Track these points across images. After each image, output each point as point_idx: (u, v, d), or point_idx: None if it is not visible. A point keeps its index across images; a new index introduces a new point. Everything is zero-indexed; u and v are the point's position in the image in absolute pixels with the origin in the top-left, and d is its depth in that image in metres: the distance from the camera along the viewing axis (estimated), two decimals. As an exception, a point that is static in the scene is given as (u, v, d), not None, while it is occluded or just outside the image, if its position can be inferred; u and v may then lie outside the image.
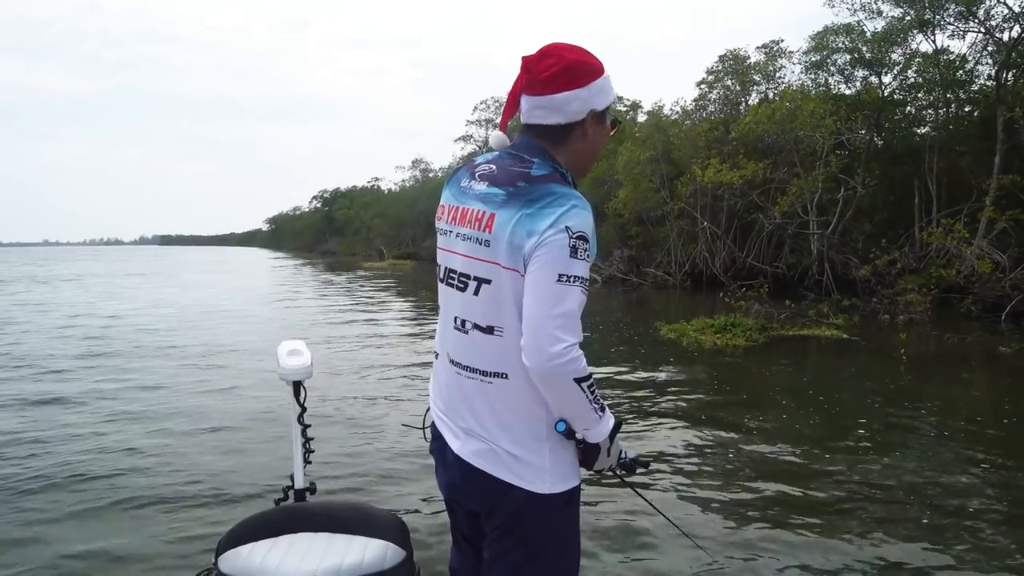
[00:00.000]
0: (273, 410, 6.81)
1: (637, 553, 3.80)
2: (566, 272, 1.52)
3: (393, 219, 61.24)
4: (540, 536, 1.72)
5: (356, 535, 2.04)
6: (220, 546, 2.02)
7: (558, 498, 1.68)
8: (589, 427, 1.65)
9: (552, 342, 1.52)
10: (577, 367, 1.54)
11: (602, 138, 1.78)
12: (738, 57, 24.54)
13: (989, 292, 14.56)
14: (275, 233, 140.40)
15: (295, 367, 2.44)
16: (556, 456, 1.68)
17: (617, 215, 26.22)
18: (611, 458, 1.74)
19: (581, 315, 1.61)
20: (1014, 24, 16.95)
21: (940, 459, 5.53)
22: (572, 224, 1.53)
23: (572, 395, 1.57)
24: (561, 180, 1.64)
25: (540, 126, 1.70)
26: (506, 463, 1.68)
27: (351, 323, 14.48)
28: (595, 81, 1.69)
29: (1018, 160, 16.61)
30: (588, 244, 1.55)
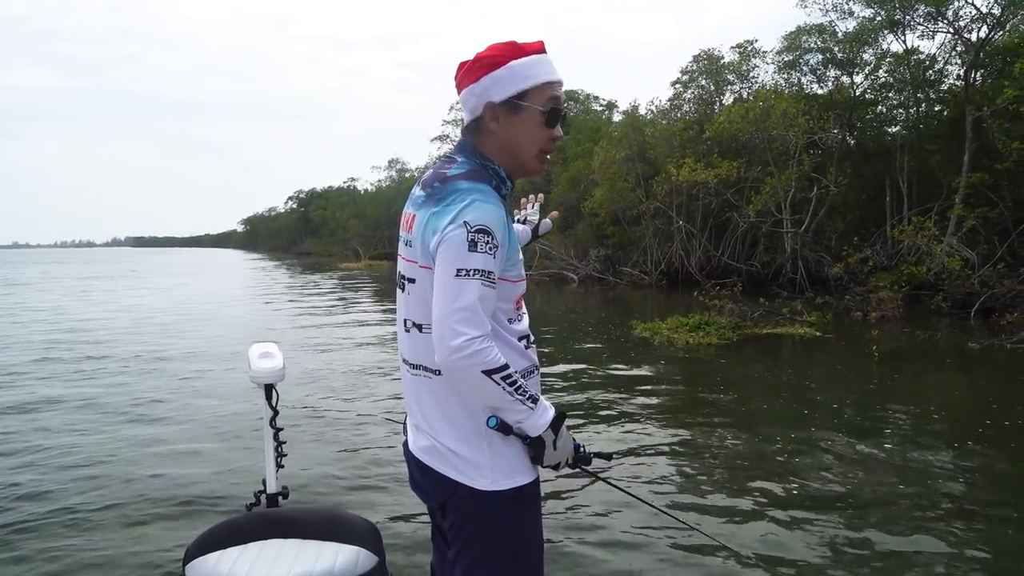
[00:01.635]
0: (243, 413, 6.73)
1: (609, 543, 3.83)
2: (464, 266, 1.54)
3: (369, 219, 60.96)
4: (489, 535, 1.70)
5: (327, 541, 2.00)
6: (188, 554, 1.97)
7: (503, 496, 1.67)
8: (521, 420, 1.63)
9: (452, 336, 1.53)
10: (482, 360, 1.54)
11: (518, 129, 1.70)
12: (712, 57, 24.69)
13: (959, 289, 14.74)
14: (250, 234, 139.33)
15: (267, 370, 2.42)
16: (497, 452, 1.67)
17: (593, 214, 26.29)
18: (561, 452, 1.71)
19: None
20: (982, 25, 17.22)
21: (912, 453, 5.58)
22: (471, 218, 1.55)
23: (485, 388, 1.57)
24: (476, 177, 1.64)
25: (467, 124, 1.75)
26: (448, 459, 1.70)
27: (325, 324, 14.38)
28: (491, 73, 1.67)
29: (986, 159, 16.85)
30: (490, 237, 1.55)
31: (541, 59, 1.70)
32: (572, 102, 39.48)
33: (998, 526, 4.17)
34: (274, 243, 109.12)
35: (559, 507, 4.39)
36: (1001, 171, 16.02)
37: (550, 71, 1.71)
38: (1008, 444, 5.85)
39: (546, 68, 1.70)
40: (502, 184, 1.72)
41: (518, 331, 1.73)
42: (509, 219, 1.68)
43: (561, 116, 1.74)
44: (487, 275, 1.55)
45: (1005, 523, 4.21)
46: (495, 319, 1.65)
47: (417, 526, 3.94)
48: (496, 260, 1.57)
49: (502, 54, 1.68)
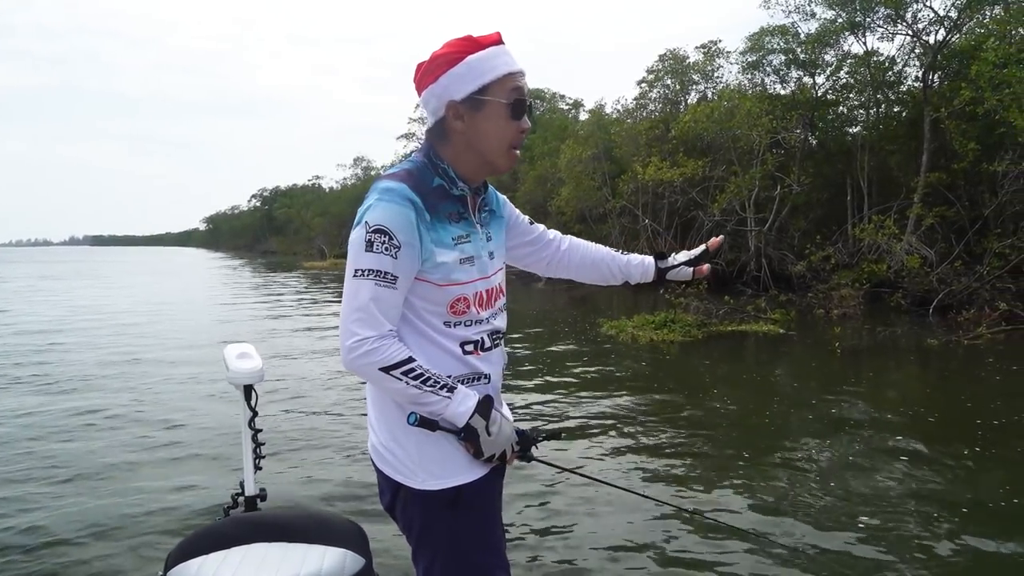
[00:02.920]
0: (215, 415, 6.64)
1: (573, 527, 3.80)
2: (359, 266, 1.54)
3: (335, 218, 60.37)
4: (433, 538, 1.67)
5: (313, 544, 1.94)
6: (169, 560, 1.90)
7: (439, 497, 1.64)
8: (440, 412, 1.59)
9: (347, 337, 1.54)
10: (377, 358, 1.53)
11: (482, 126, 1.65)
12: (677, 57, 24.89)
13: (917, 287, 15.03)
14: (213, 233, 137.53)
15: (246, 370, 2.37)
16: (424, 451, 1.64)
17: (560, 213, 26.33)
18: (500, 438, 1.65)
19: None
20: (939, 27, 17.55)
21: (872, 446, 5.66)
22: (370, 219, 1.54)
23: (389, 385, 1.56)
24: (404, 176, 1.61)
25: (430, 127, 1.71)
26: (387, 458, 1.69)
27: (293, 325, 14.22)
28: (449, 71, 1.62)
29: (944, 159, 17.20)
30: (387, 237, 1.53)
31: (499, 50, 1.64)
32: (538, 100, 39.58)
33: (949, 510, 4.24)
34: (237, 242, 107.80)
35: (524, 500, 4.37)
36: (958, 171, 16.38)
37: (509, 62, 1.65)
38: (963, 436, 5.95)
39: (505, 59, 1.65)
40: (452, 184, 1.67)
41: (458, 336, 1.67)
42: (442, 220, 1.63)
43: (527, 107, 1.68)
44: (382, 275, 1.53)
45: (955, 507, 4.29)
46: (425, 321, 1.64)
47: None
48: (400, 261, 1.54)
49: (458, 50, 1.62)
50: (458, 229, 1.66)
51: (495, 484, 1.75)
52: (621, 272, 2.11)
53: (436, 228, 1.61)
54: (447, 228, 1.64)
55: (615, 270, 2.10)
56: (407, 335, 1.63)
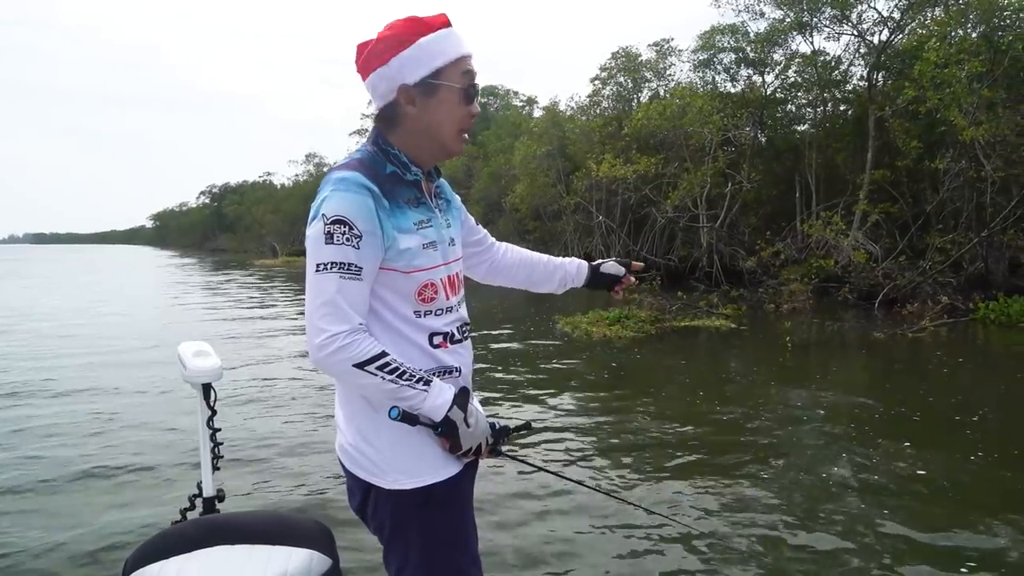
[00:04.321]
0: (170, 415, 6.50)
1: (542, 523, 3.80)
2: (321, 260, 1.49)
3: (286, 215, 59.48)
4: (405, 538, 1.64)
5: (277, 545, 1.87)
6: (126, 566, 1.82)
7: (410, 496, 1.61)
8: (418, 406, 1.55)
9: (316, 334, 1.49)
10: (350, 354, 1.49)
11: (436, 109, 1.62)
12: (630, 55, 25.08)
13: (863, 281, 15.41)
14: (160, 230, 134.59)
15: (204, 369, 2.31)
16: (397, 450, 1.61)
17: (514, 209, 26.36)
18: (477, 430, 1.63)
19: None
20: (883, 28, 18.02)
21: (822, 437, 5.78)
22: (328, 210, 1.50)
23: (364, 381, 1.51)
24: (356, 166, 1.57)
25: (376, 112, 1.66)
26: (356, 458, 1.65)
27: (249, 324, 13.97)
28: (400, 53, 1.58)
29: (888, 156, 17.66)
30: (347, 227, 1.49)
31: (449, 33, 1.61)
32: (492, 97, 39.57)
33: (897, 496, 4.36)
34: (186, 240, 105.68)
35: (493, 498, 4.35)
36: (901, 168, 16.85)
37: (460, 44, 1.62)
38: (906, 425, 6.12)
39: (456, 42, 1.62)
40: (405, 169, 1.63)
41: (430, 327, 1.64)
42: (400, 206, 1.59)
43: (477, 90, 1.67)
44: (346, 267, 1.49)
45: (901, 494, 4.41)
46: (394, 313, 1.60)
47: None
48: (362, 251, 1.50)
49: (407, 32, 1.58)
50: (418, 214, 1.63)
51: (467, 482, 1.73)
52: (556, 272, 2.17)
53: (396, 214, 1.57)
54: (407, 213, 1.60)
55: (551, 270, 2.17)
56: (373, 330, 1.58)
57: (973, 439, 5.71)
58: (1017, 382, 8.14)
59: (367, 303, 1.55)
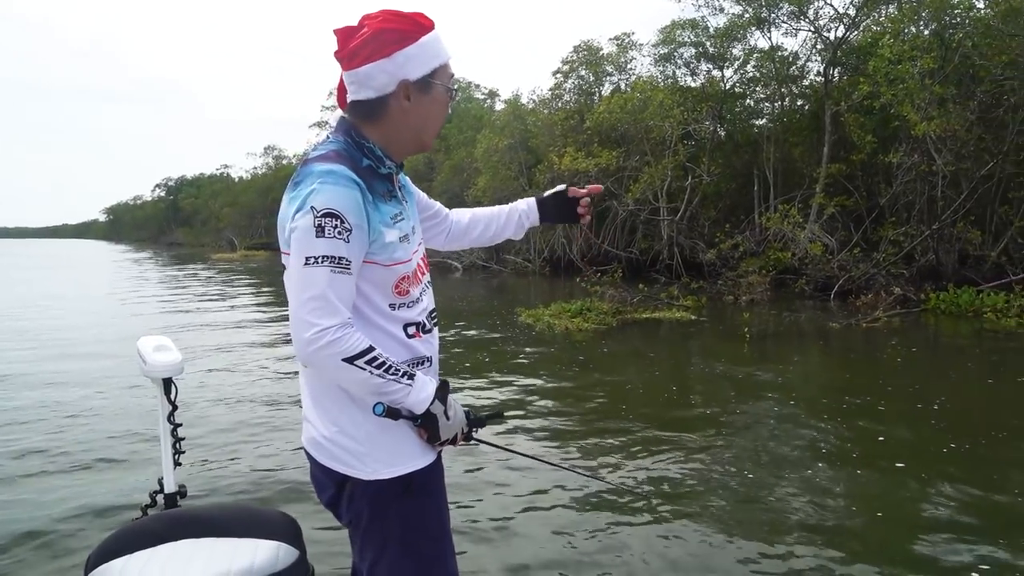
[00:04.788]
0: (130, 411, 6.39)
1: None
2: (311, 254, 1.48)
3: (244, 208, 58.69)
4: (383, 528, 1.64)
5: (243, 537, 1.87)
6: (89, 563, 1.80)
7: (389, 486, 1.61)
8: (402, 400, 1.57)
9: (305, 329, 1.48)
10: (339, 348, 1.49)
11: (428, 108, 1.67)
12: (592, 48, 25.16)
13: (819, 273, 15.71)
14: (113, 224, 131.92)
15: (165, 363, 2.29)
16: (375, 441, 1.61)
17: (477, 202, 26.30)
18: (455, 422, 1.66)
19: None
20: (839, 24, 18.33)
21: (779, 424, 5.90)
22: (318, 203, 1.48)
23: (352, 376, 1.52)
24: (335, 158, 1.56)
25: (355, 102, 1.65)
26: (329, 450, 1.64)
27: (208, 318, 13.75)
28: (404, 49, 1.59)
29: (843, 151, 18.00)
30: (338, 221, 1.48)
31: (439, 35, 1.67)
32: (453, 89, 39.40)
33: (848, 481, 4.47)
34: (140, 233, 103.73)
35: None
36: (856, 162, 17.19)
37: (446, 47, 1.69)
38: (860, 413, 6.27)
39: (444, 44, 1.68)
40: (379, 163, 1.64)
41: (404, 318, 1.65)
42: (378, 199, 1.60)
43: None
44: (337, 261, 1.48)
45: (853, 474, 4.52)
46: (371, 306, 1.60)
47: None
48: (352, 244, 1.50)
49: (409, 28, 1.60)
50: (392, 207, 1.65)
51: (440, 469, 1.74)
52: (511, 216, 2.19)
53: (379, 207, 1.59)
54: (384, 207, 1.62)
55: (504, 215, 2.20)
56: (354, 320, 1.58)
57: (943, 428, 5.88)
58: (968, 371, 8.38)
59: (354, 297, 1.56)
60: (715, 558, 3.54)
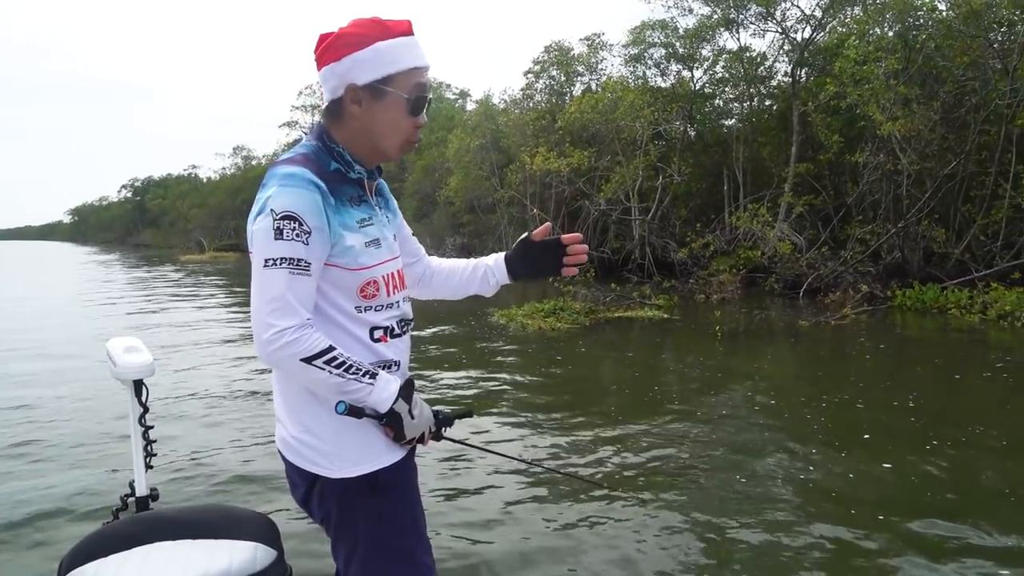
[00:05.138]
0: (100, 413, 6.29)
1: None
2: (270, 255, 1.49)
3: (213, 209, 57.94)
4: (354, 527, 1.65)
5: (220, 539, 1.85)
6: (62, 567, 1.76)
7: (356, 484, 1.63)
8: (364, 399, 1.58)
9: (264, 330, 1.49)
10: (298, 349, 1.50)
11: (382, 115, 1.62)
12: (563, 48, 25.21)
13: (789, 271, 15.90)
14: (79, 225, 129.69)
15: (136, 364, 2.26)
16: (341, 439, 1.62)
17: (449, 203, 26.27)
18: (421, 420, 1.66)
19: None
20: (806, 26, 18.58)
21: (748, 420, 5.98)
22: (276, 205, 1.49)
23: (312, 376, 1.53)
24: (302, 161, 1.57)
25: (326, 104, 1.66)
26: (298, 450, 1.65)
27: (178, 319, 13.57)
28: (354, 53, 1.57)
29: (811, 150, 18.23)
30: (296, 223, 1.49)
31: (408, 42, 1.61)
32: (425, 90, 39.28)
33: (813, 474, 4.53)
34: (106, 235, 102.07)
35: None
36: (823, 162, 17.43)
37: (417, 56, 1.62)
38: (826, 408, 6.37)
39: (413, 52, 1.61)
40: (348, 167, 1.64)
41: (371, 322, 1.66)
42: (344, 203, 1.60)
43: (427, 104, 1.66)
44: (295, 263, 1.49)
45: (820, 473, 4.59)
46: (335, 307, 1.61)
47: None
48: (311, 247, 1.51)
49: (367, 33, 1.58)
50: (360, 212, 1.64)
51: (411, 466, 1.75)
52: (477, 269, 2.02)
53: (340, 211, 1.58)
54: (350, 211, 1.61)
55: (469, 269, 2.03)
56: (317, 321, 1.59)
57: (914, 420, 5.98)
58: (935, 367, 8.52)
59: (314, 299, 1.56)
60: (692, 547, 3.58)
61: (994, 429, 5.64)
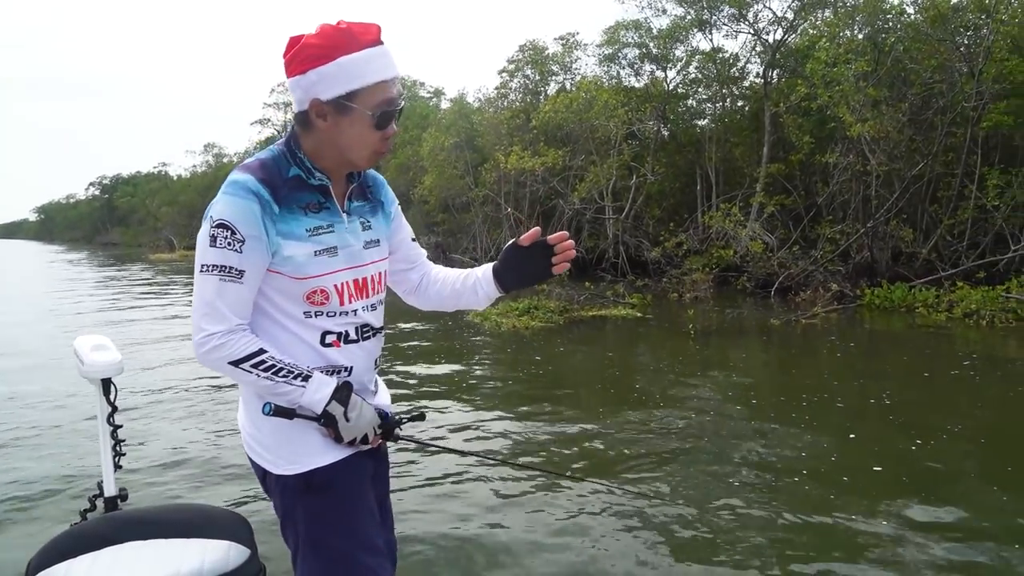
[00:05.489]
0: (67, 412, 6.20)
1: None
2: (204, 262, 1.53)
3: (183, 207, 57.08)
4: (294, 523, 1.68)
5: (192, 538, 1.83)
6: (30, 568, 1.73)
7: (294, 482, 1.65)
8: (297, 400, 1.60)
9: (196, 332, 1.55)
10: (224, 352, 1.55)
11: (348, 130, 1.59)
12: (537, 48, 25.24)
13: (760, 270, 16.06)
14: (45, 224, 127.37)
15: (104, 363, 2.25)
16: (276, 437, 1.66)
17: (423, 201, 26.18)
18: (360, 422, 1.66)
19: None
20: (777, 27, 18.78)
21: (722, 416, 6.02)
22: (214, 213, 1.53)
23: (241, 378, 1.58)
24: (255, 167, 1.57)
25: (296, 113, 1.66)
26: (250, 444, 1.70)
27: (148, 317, 13.37)
28: (317, 68, 1.54)
29: (782, 151, 18.45)
30: (229, 231, 1.51)
31: (375, 54, 1.56)
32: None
33: (787, 469, 4.59)
34: (74, 233, 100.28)
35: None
36: (794, 162, 17.65)
37: (383, 68, 1.57)
38: (797, 404, 6.45)
39: (379, 64, 1.57)
40: (309, 174, 1.62)
41: (321, 327, 1.65)
42: (294, 212, 1.58)
43: (396, 114, 1.62)
44: (227, 271, 1.52)
45: (790, 471, 4.64)
46: (282, 312, 1.62)
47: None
48: (246, 255, 1.52)
49: (331, 45, 1.53)
50: (316, 220, 1.62)
51: (360, 466, 1.73)
52: (468, 279, 1.96)
53: (287, 220, 1.57)
54: (300, 220, 1.60)
55: (461, 278, 1.97)
56: (265, 324, 1.63)
57: (885, 417, 6.08)
58: (905, 364, 8.65)
59: (249, 304, 1.58)
60: (663, 537, 3.60)
61: (967, 424, 5.77)
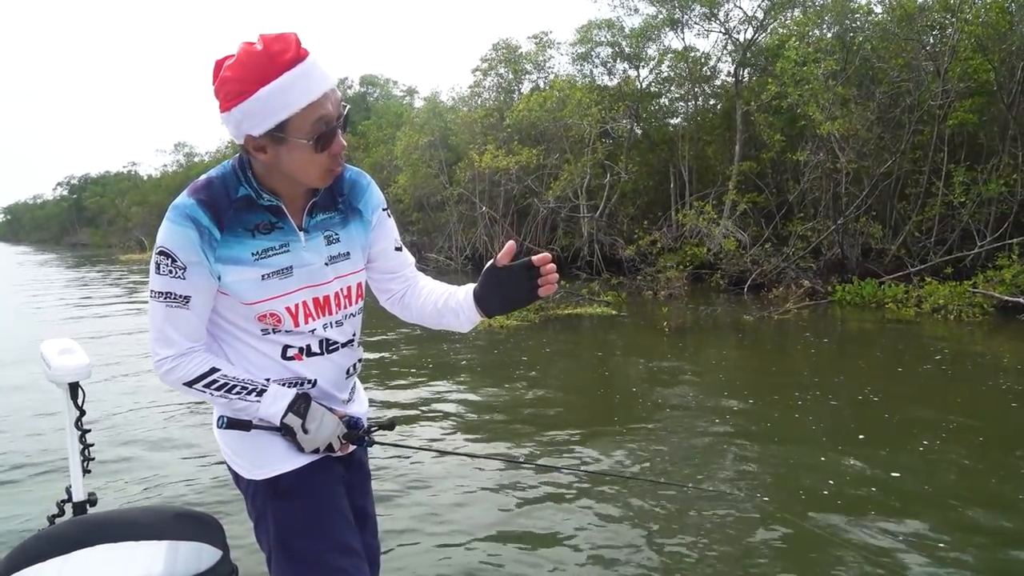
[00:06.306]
0: (34, 418, 6.11)
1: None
2: (152, 288, 1.57)
3: (154, 207, 56.25)
4: (263, 527, 1.70)
5: (163, 540, 1.80)
6: None
7: (263, 487, 1.68)
8: (254, 414, 1.64)
9: (152, 356, 1.61)
10: (177, 375, 1.60)
11: (288, 157, 1.50)
12: (510, 46, 25.24)
13: (733, 267, 16.22)
14: (11, 224, 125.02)
15: (71, 367, 2.20)
16: (242, 442, 1.69)
17: (397, 200, 26.07)
18: (320, 433, 1.66)
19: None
20: (748, 26, 18.94)
21: (697, 411, 6.07)
22: (158, 239, 1.54)
23: (196, 396, 1.64)
24: (200, 188, 1.54)
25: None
26: (224, 449, 1.74)
27: (118, 320, 13.19)
28: (240, 105, 1.44)
29: (754, 149, 18.62)
30: (169, 259, 1.51)
31: (296, 76, 1.43)
32: (372, 87, 38.93)
33: (761, 461, 4.64)
34: (42, 234, 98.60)
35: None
36: (766, 160, 17.81)
37: (308, 88, 1.44)
38: (771, 398, 6.53)
39: (303, 86, 1.44)
40: (258, 195, 1.56)
41: (279, 341, 1.65)
42: (241, 234, 1.54)
43: (338, 129, 1.51)
44: (172, 297, 1.54)
45: (765, 457, 4.70)
46: (240, 328, 1.64)
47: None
48: (189, 280, 1.52)
49: (249, 78, 1.42)
50: (265, 241, 1.57)
51: (327, 470, 1.74)
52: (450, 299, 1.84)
53: (230, 244, 1.53)
54: (245, 243, 1.55)
55: (445, 295, 1.86)
56: (227, 339, 1.66)
57: (860, 412, 6.15)
58: (878, 359, 8.79)
59: (199, 327, 1.60)
60: (643, 537, 3.63)
61: (949, 418, 5.88)
